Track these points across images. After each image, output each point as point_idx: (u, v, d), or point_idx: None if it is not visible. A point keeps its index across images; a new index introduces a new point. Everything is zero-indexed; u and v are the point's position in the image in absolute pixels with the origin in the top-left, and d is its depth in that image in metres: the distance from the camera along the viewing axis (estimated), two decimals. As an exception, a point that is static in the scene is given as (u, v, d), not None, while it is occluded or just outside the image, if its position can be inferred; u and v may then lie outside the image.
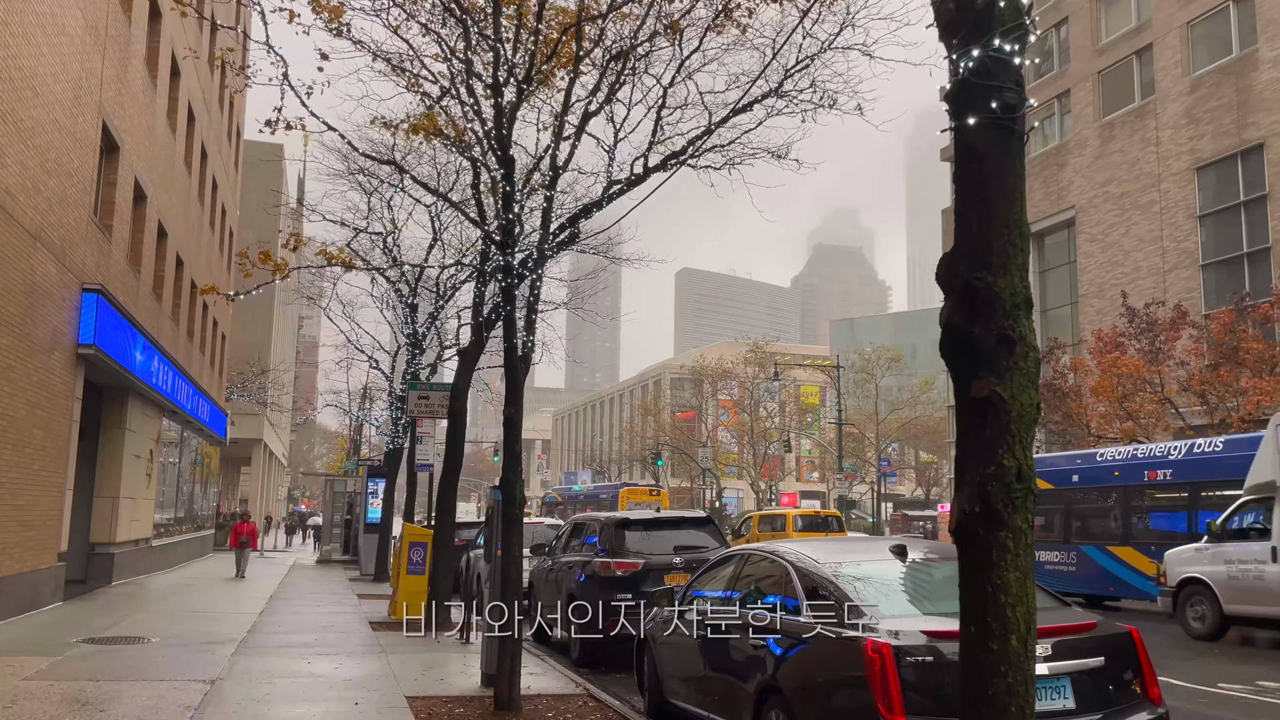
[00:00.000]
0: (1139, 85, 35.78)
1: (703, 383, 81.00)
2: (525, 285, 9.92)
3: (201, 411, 29.06)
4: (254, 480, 63.37)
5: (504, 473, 8.93)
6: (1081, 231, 37.67)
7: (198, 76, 26.41)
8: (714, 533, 12.08)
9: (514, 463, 8.82)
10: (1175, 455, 19.43)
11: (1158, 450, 20.21)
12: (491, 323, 14.10)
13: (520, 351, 9.15)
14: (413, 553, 15.09)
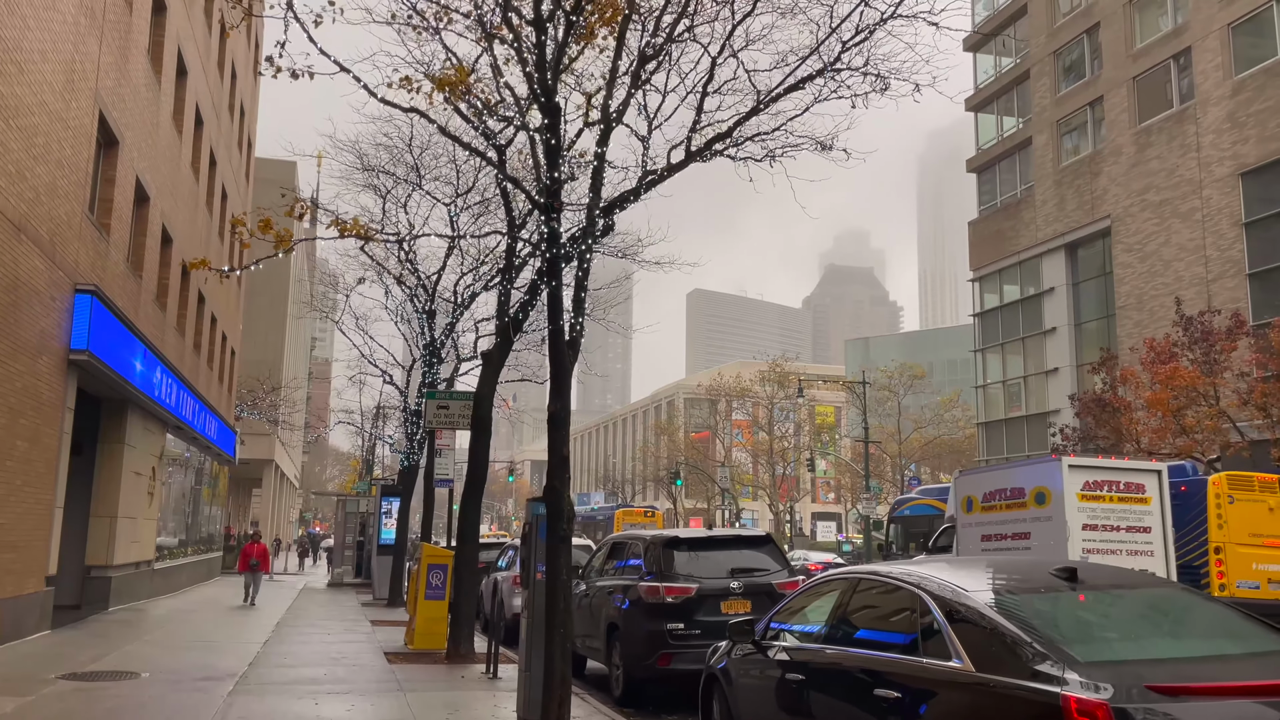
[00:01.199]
0: (1177, 90, 34.54)
1: (718, 402, 79.70)
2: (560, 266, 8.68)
3: (209, 429, 27.89)
4: (265, 502, 62.23)
5: (549, 480, 7.67)
6: (1118, 241, 36.34)
7: (206, 79, 25.41)
8: (774, 554, 10.71)
9: (561, 468, 7.56)
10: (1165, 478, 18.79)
11: None
12: (519, 323, 12.87)
13: (568, 336, 7.91)
14: (431, 576, 13.79)
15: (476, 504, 12.83)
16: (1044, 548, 16.92)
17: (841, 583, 5.89)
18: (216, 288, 29.29)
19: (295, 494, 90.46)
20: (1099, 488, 16.72)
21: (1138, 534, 16.52)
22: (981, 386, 44.48)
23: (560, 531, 7.43)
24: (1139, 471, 17.24)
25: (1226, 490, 17.82)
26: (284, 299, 56.05)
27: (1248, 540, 17.35)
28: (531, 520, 8.06)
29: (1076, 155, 39.32)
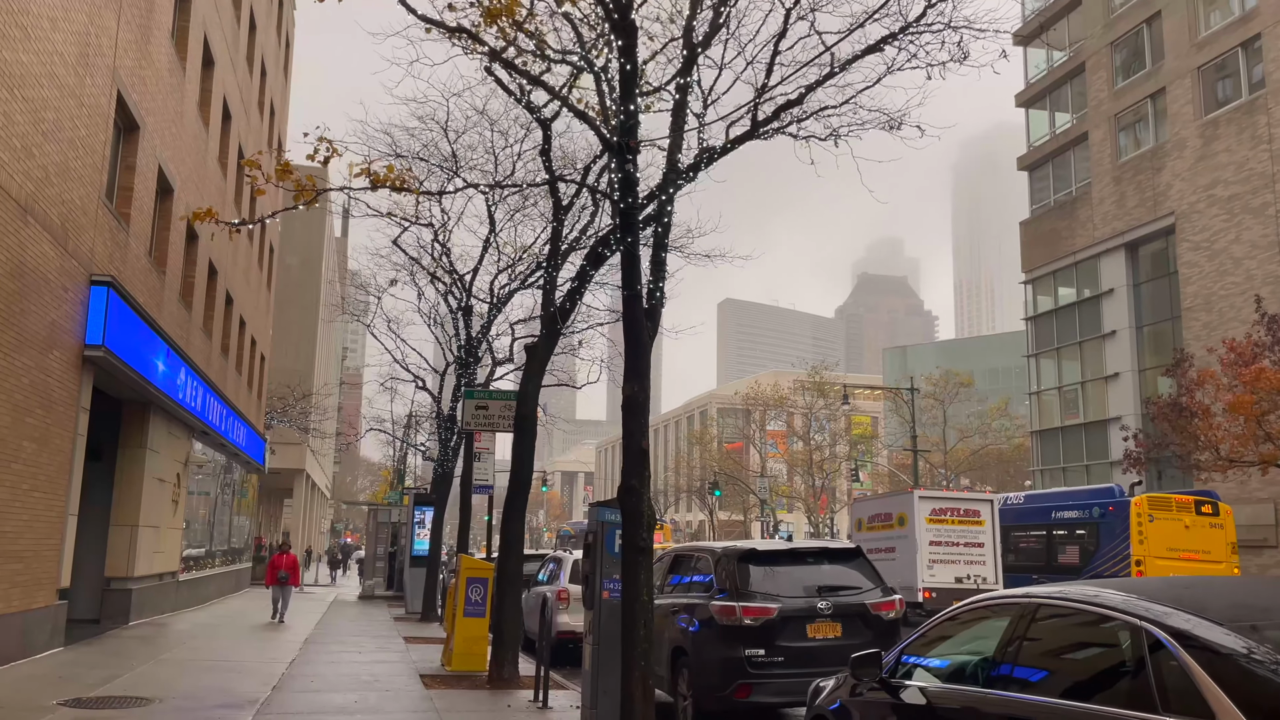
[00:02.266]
0: (1246, 79, 32.84)
1: (751, 412, 78.14)
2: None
3: (237, 435, 26.96)
4: (296, 512, 61.61)
5: (624, 479, 6.45)
6: (1183, 239, 34.63)
7: (235, 73, 24.55)
8: (865, 569, 9.36)
9: (639, 463, 6.35)
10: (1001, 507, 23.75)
11: None
12: (566, 312, 11.66)
13: (647, 303, 6.69)
14: (471, 591, 12.59)
15: (520, 511, 11.64)
16: (904, 557, 21.73)
17: (1009, 609, 4.56)
18: (245, 289, 28.42)
19: (327, 504, 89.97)
20: (943, 513, 21.98)
21: (973, 548, 21.80)
22: (1035, 393, 42.74)
23: (640, 541, 6.20)
24: (975, 501, 23.20)
25: (1147, 510, 20.63)
26: (315, 308, 55.47)
27: (1165, 554, 20.06)
28: (596, 528, 6.86)
29: (1137, 150, 37.65)
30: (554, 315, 11.54)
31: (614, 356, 25.97)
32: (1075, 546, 22.71)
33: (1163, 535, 20.35)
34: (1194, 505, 21.18)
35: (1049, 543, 23.64)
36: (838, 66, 11.11)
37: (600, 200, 13.64)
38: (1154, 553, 20.14)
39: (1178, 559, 19.97)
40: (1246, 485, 29.24)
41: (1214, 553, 20.38)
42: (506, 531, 11.59)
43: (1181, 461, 25.29)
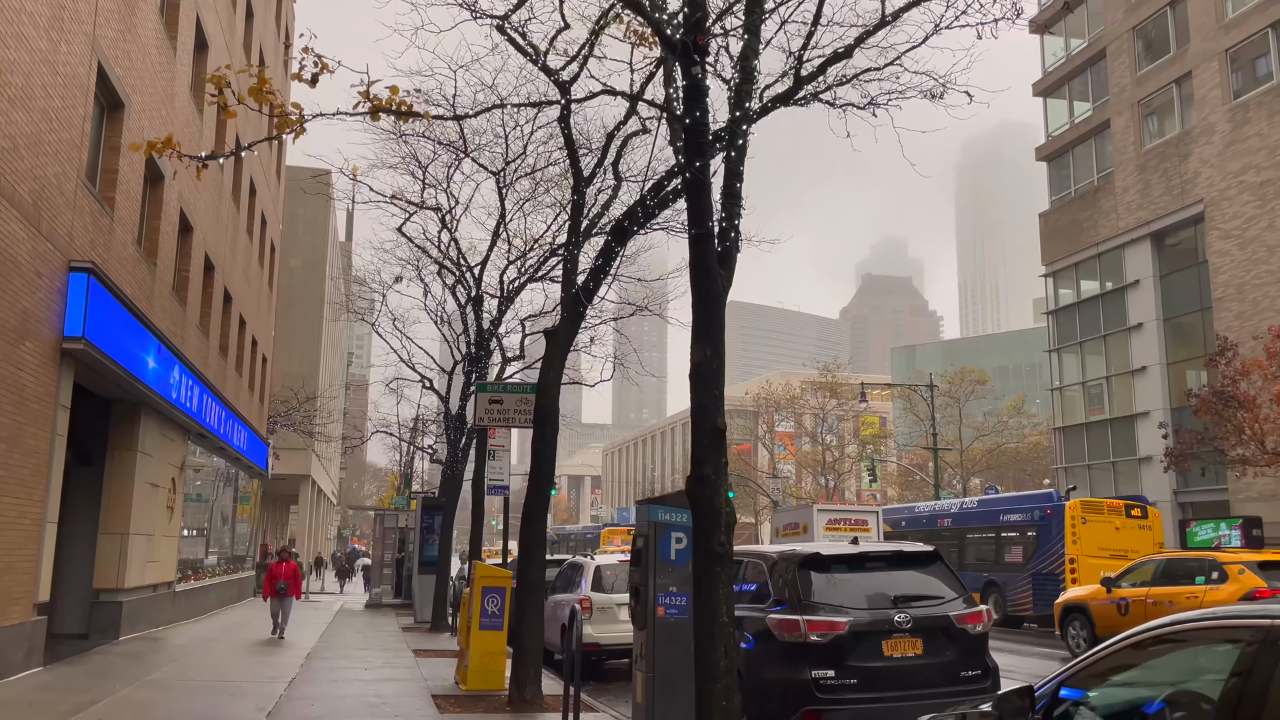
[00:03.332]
0: (1277, 60, 31.69)
1: (759, 413, 77.01)
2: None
3: (237, 438, 25.88)
4: (302, 519, 60.45)
5: (695, 467, 5.33)
6: (1213, 228, 33.45)
7: (231, 58, 23.48)
8: (945, 575, 8.19)
9: (713, 448, 5.26)
10: (953, 510, 29.18)
11: (941, 505, 31.22)
12: (590, 292, 10.54)
13: (720, 245, 5.56)
14: (487, 601, 11.47)
15: (542, 513, 10.54)
16: None
17: (1238, 632, 3.41)
18: (245, 287, 27.35)
19: (333, 510, 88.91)
20: (837, 523, 26.14)
21: None
22: (1058, 389, 41.55)
23: (717, 545, 5.07)
24: (863, 513, 27.80)
25: (1080, 513, 22.74)
26: (319, 311, 54.47)
27: (1097, 553, 22.02)
28: (647, 530, 5.74)
29: (1162, 137, 36.49)
30: (576, 296, 10.43)
31: (627, 353, 24.87)
32: (1019, 547, 24.75)
33: (1094, 536, 22.38)
34: (1124, 508, 23.39)
35: (997, 543, 25.81)
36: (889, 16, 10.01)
37: (622, 180, 12.52)
38: (1086, 552, 22.19)
39: (1108, 558, 21.63)
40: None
41: (1142, 551, 21.86)
42: (527, 535, 10.48)
43: (1222, 456, 24.09)
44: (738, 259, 5.46)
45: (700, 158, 5.51)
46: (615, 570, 14.48)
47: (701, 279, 5.43)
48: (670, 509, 6.21)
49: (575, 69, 11.05)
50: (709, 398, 5.30)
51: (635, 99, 11.50)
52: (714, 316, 5.37)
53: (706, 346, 5.35)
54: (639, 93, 11.62)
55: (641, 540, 6.45)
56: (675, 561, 6.20)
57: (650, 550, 6.06)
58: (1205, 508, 34.01)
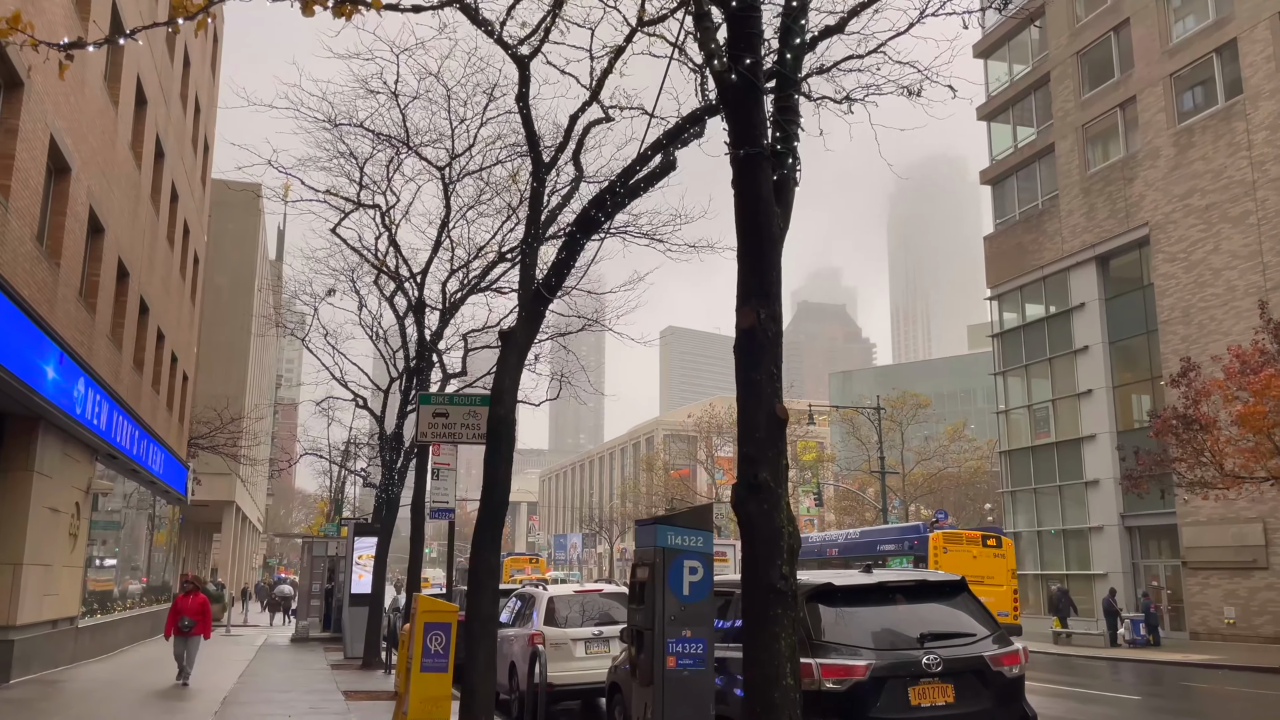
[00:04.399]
0: (1222, 85, 31.93)
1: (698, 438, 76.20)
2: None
3: (153, 461, 24.06)
4: (226, 547, 57.84)
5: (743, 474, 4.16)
6: (1158, 250, 33.51)
7: (153, 54, 21.93)
8: (973, 608, 7.05)
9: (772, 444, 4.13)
10: (840, 540, 31.90)
11: (831, 535, 34.48)
12: (553, 287, 9.38)
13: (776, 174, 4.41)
14: (430, 639, 10.15)
15: (495, 539, 9.31)
16: None
17: None
18: (164, 298, 25.60)
19: (259, 538, 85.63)
20: None
21: None
22: (1003, 412, 41.32)
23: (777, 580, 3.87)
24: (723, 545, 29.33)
25: (942, 544, 25.16)
26: (246, 330, 52.28)
27: None
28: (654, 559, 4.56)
29: (1106, 161, 36.63)
30: (537, 292, 9.28)
31: (574, 370, 23.68)
32: None
33: (954, 564, 24.16)
34: (980, 539, 26.01)
35: None
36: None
37: (583, 172, 11.41)
38: None
39: None
40: (1233, 505, 27.89)
41: (996, 578, 24.58)
42: (478, 564, 9.23)
43: (1181, 478, 23.70)
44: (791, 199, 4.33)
45: (751, 53, 4.32)
46: (570, 603, 13.24)
47: (752, 216, 4.23)
48: (682, 530, 5.06)
49: (536, 43, 9.95)
50: (763, 374, 4.12)
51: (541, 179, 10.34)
52: (769, 266, 4.20)
53: (760, 306, 4.17)
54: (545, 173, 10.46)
55: (645, 571, 5.26)
56: (689, 598, 5.05)
57: (657, 584, 4.89)
58: (1153, 531, 33.88)
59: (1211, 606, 30.71)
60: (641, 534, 5.33)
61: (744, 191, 4.18)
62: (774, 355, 4.17)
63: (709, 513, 5.52)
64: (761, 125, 4.20)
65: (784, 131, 4.46)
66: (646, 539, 5.21)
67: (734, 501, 4.14)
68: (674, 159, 9.86)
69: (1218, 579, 30.58)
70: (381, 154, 15.67)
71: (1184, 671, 22.32)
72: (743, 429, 4.12)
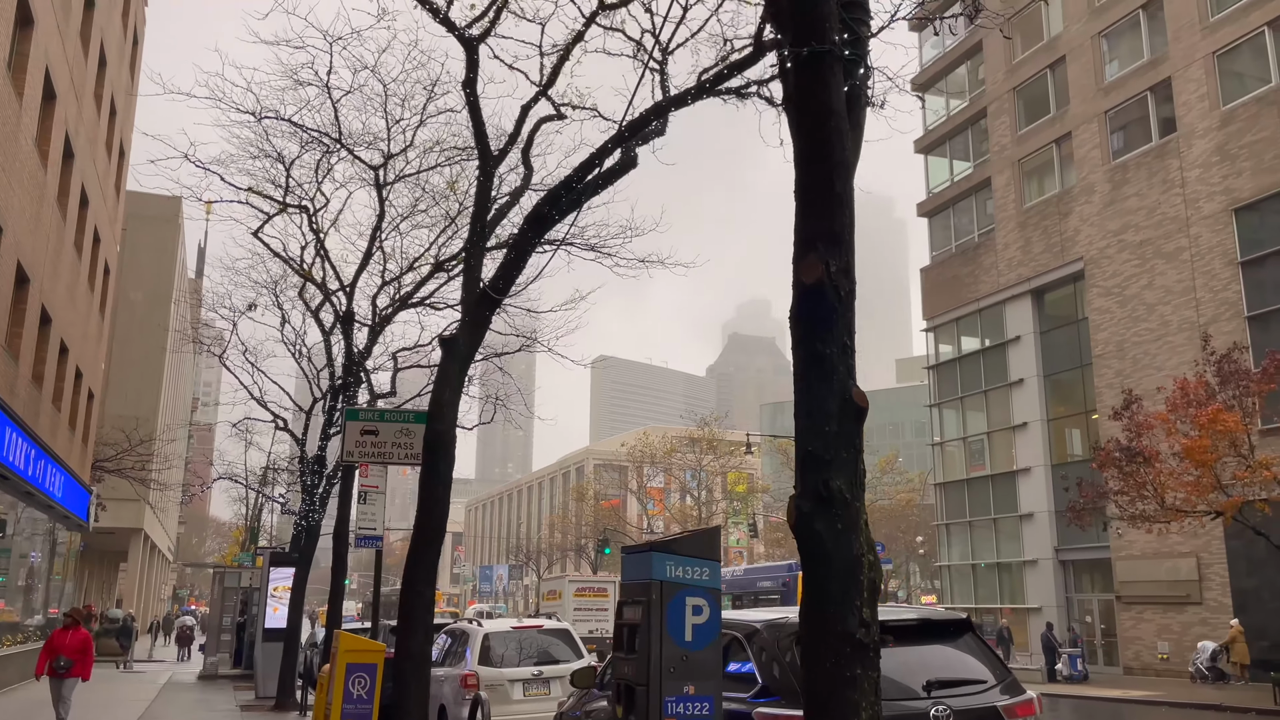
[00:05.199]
0: (1156, 123, 32.41)
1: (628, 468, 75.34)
2: None
3: (51, 483, 22.28)
4: (132, 577, 54.85)
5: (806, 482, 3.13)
6: (1093, 285, 33.77)
7: (65, 47, 20.50)
8: (980, 652, 6.16)
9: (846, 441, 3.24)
10: (726, 576, 31.93)
11: None
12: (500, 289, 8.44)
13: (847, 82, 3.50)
14: (352, 682, 9.05)
15: (430, 569, 8.28)
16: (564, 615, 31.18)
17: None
18: (69, 309, 23.93)
19: (169, 568, 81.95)
20: (585, 592, 35.63)
21: (600, 611, 33.93)
22: (938, 444, 41.24)
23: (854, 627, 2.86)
24: (604, 582, 37.02)
25: None
26: (161, 349, 49.95)
27: None
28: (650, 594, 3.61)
29: (1042, 195, 36.97)
30: (483, 295, 8.34)
31: (511, 393, 22.72)
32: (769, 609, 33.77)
33: None
34: None
35: (755, 605, 29.65)
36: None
37: (533, 170, 10.53)
38: None
39: None
40: (1167, 540, 27.86)
41: None
42: (410, 597, 8.17)
43: (1123, 511, 23.51)
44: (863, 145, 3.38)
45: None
46: (506, 640, 12.18)
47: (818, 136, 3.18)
48: (684, 559, 4.12)
49: (487, 24, 9.07)
50: (833, 347, 3.19)
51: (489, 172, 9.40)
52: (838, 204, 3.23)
53: (829, 256, 3.19)
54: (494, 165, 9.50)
55: (635, 610, 4.29)
56: (692, 644, 4.13)
57: (653, 627, 3.94)
58: (1087, 565, 33.87)
59: (1145, 641, 30.68)
60: (630, 564, 4.37)
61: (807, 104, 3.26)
62: (847, 321, 3.30)
63: (716, 538, 4.62)
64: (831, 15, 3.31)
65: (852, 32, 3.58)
66: (637, 570, 4.25)
67: (795, 519, 3.22)
68: (635, 155, 9.05)
69: (1151, 613, 30.58)
70: (310, 154, 14.57)
71: (1120, 708, 22.01)
72: (804, 421, 3.20)
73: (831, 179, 3.26)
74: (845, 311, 3.34)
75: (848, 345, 3.34)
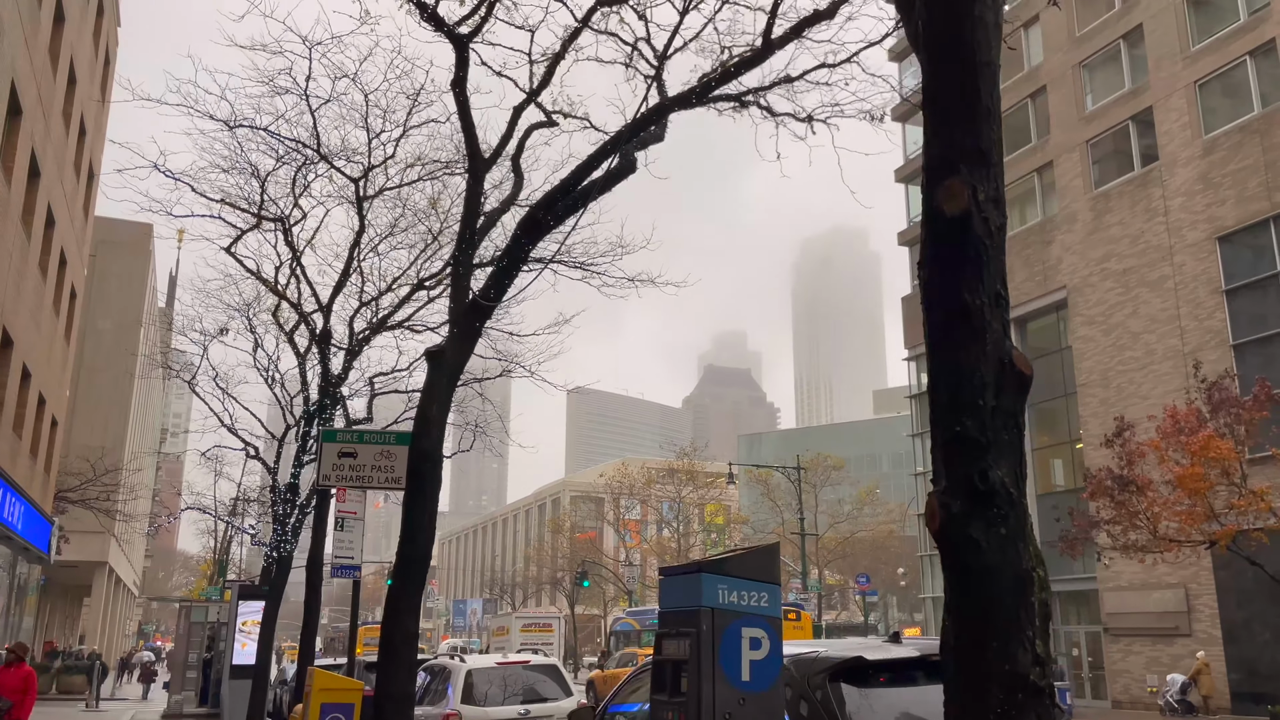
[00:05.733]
0: (1138, 152, 32.45)
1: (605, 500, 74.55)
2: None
3: (10, 512, 21.37)
4: (96, 612, 53.26)
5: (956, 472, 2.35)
6: (1076, 314, 33.63)
7: (32, 61, 19.88)
8: None
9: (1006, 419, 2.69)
10: None
11: None
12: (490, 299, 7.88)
13: None
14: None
15: (414, 600, 7.63)
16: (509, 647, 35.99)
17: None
18: (33, 332, 23.10)
19: (135, 603, 80.00)
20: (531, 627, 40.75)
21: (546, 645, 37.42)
22: (921, 474, 40.86)
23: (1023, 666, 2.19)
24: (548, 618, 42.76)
25: None
26: (129, 379, 48.82)
27: None
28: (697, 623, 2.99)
29: (1024, 224, 36.90)
30: (473, 305, 7.79)
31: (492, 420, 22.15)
32: None
33: None
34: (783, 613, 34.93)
35: None
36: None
37: (523, 177, 10.02)
38: None
39: None
40: (1154, 571, 27.50)
41: None
42: (392, 630, 7.51)
43: (1115, 541, 23.11)
44: None
45: None
46: (491, 676, 11.51)
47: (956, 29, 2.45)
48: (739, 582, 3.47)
49: (477, 21, 8.58)
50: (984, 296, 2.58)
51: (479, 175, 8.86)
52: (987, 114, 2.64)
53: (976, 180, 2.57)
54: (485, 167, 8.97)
55: (678, 644, 3.64)
56: (751, 685, 3.51)
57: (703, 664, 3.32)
58: (1073, 597, 33.46)
59: (1133, 674, 30.22)
60: (673, 588, 3.67)
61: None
62: (999, 265, 2.75)
63: (775, 557, 3.99)
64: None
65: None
66: (682, 595, 3.54)
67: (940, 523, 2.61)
68: (634, 159, 8.56)
69: (1140, 646, 30.16)
70: (286, 169, 13.99)
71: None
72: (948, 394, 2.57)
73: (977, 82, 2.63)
74: (997, 252, 2.75)
75: (1002, 296, 2.77)
